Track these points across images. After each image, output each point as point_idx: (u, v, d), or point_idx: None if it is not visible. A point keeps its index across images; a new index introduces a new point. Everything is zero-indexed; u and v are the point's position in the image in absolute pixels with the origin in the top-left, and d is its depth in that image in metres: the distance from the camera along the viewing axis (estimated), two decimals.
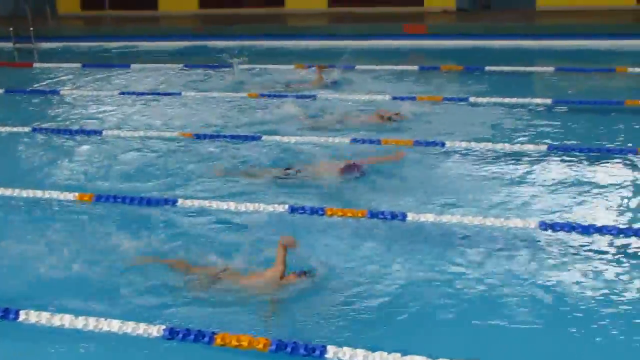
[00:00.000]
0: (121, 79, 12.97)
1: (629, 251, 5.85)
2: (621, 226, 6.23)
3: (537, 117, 9.59)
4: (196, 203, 6.93)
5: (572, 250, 5.88)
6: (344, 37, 15.39)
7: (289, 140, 8.78)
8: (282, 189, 7.29)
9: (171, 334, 4.77)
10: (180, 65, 13.57)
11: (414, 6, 17.98)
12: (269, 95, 11.07)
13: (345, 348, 4.55)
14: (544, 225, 6.21)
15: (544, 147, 8.26)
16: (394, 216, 6.50)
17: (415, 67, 12.64)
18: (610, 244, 5.92)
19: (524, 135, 8.83)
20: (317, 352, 4.55)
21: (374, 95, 10.81)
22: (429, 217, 6.47)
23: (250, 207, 6.79)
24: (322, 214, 6.59)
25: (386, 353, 4.48)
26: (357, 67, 12.70)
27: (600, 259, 5.73)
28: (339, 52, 13.91)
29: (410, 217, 6.48)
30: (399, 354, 4.45)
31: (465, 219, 6.40)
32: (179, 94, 11.48)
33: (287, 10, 19.01)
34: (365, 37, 15.14)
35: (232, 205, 6.81)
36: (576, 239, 6.06)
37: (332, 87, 11.38)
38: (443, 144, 8.44)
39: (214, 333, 4.73)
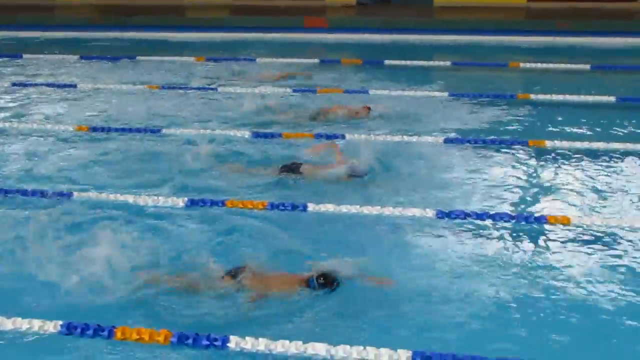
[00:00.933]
0: (13, 69, 12.50)
1: (519, 236, 6.19)
2: (512, 213, 6.57)
3: (435, 110, 9.85)
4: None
5: (468, 236, 6.16)
6: (245, 29, 15.34)
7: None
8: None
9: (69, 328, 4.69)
10: (77, 57, 13.20)
11: (315, 0, 18.10)
12: (170, 87, 10.98)
13: (247, 338, 4.59)
14: (441, 214, 6.48)
15: (440, 139, 8.53)
16: None
17: (316, 61, 12.73)
18: (502, 230, 6.22)
19: (422, 128, 9.06)
20: (219, 343, 4.56)
21: (275, 88, 10.86)
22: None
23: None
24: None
25: (288, 342, 4.56)
26: (258, 60, 12.70)
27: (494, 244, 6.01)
28: (240, 45, 13.92)
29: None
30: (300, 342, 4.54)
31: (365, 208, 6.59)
32: (75, 86, 11.19)
33: (187, 2, 18.75)
34: (266, 30, 15.13)
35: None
36: (470, 224, 6.35)
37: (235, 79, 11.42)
38: (343, 136, 8.62)
39: (114, 327, 4.67)
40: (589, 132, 8.92)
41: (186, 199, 6.81)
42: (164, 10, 17.60)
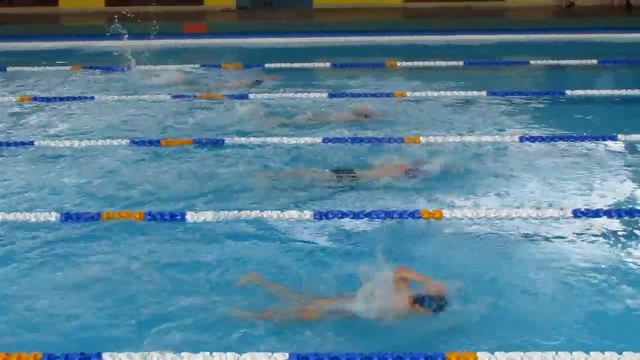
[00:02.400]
0: None
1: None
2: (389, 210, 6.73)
3: (317, 110, 9.98)
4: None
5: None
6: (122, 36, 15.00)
7: None
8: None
9: None
10: None
11: (193, 5, 17.93)
12: (43, 99, 10.62)
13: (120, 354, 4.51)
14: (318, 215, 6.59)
15: (318, 140, 8.65)
16: None
17: (197, 66, 12.62)
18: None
19: (302, 129, 9.17)
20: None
21: (153, 95, 10.71)
22: None
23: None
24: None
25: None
26: (137, 67, 12.46)
27: None
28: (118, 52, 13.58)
29: None
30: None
31: None
32: None
33: (61, 9, 18.16)
34: (144, 37, 14.83)
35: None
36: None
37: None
38: (223, 141, 8.62)
39: None
40: (463, 126, 9.26)
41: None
42: (37, 19, 16.99)
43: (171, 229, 6.40)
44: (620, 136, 8.78)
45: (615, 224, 6.53)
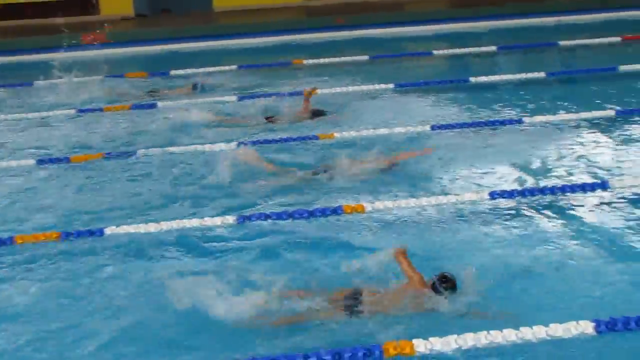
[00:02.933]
0: None
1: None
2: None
3: (222, 114, 9.93)
4: None
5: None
6: (17, 52, 14.48)
7: None
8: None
9: None
10: None
11: (90, 15, 17.43)
12: None
13: None
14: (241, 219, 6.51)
15: (233, 145, 8.59)
16: None
17: (100, 77, 12.26)
18: None
19: (214, 134, 9.13)
20: None
21: (56, 110, 10.36)
22: None
23: None
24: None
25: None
26: (35, 82, 12.00)
27: None
28: (14, 67, 13.12)
29: None
30: None
31: None
32: None
33: None
34: (44, 51, 14.32)
35: None
36: None
37: None
38: (134, 153, 8.44)
39: None
40: (372, 120, 9.37)
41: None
42: None
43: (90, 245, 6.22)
44: (525, 119, 9.10)
45: (529, 202, 6.77)
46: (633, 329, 4.86)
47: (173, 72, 12.37)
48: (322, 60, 12.69)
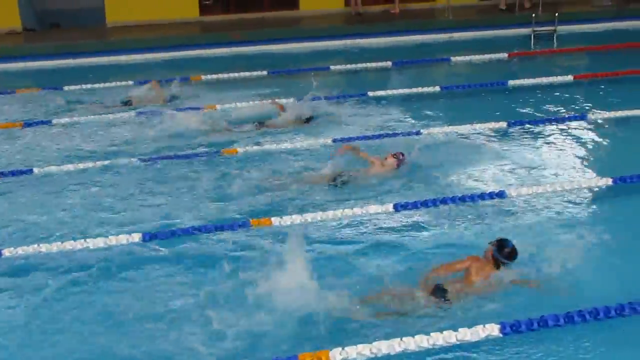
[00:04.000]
0: None
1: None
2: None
3: (127, 130, 9.84)
4: None
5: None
6: None
7: None
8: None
9: None
10: None
11: None
12: None
13: None
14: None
15: (135, 160, 8.42)
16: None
17: None
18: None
19: (115, 146, 9.14)
20: None
21: None
22: None
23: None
24: None
25: None
26: None
27: None
28: None
29: None
30: None
31: None
32: None
33: None
34: None
35: None
36: None
37: None
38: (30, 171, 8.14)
39: None
40: (278, 134, 9.45)
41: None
42: None
43: None
44: (423, 130, 9.37)
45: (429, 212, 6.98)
46: (535, 330, 5.08)
47: (67, 88, 12.00)
48: (221, 76, 12.63)
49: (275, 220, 6.77)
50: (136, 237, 6.49)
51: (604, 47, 14.47)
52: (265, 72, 12.79)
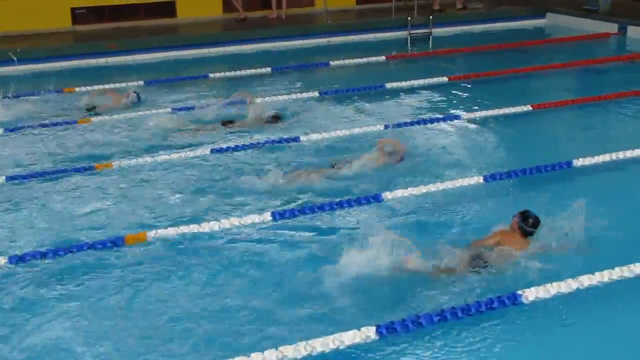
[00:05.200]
0: None
1: None
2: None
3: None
4: None
5: None
6: None
7: None
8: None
9: None
10: None
11: None
12: None
13: None
14: None
15: None
16: None
17: None
18: None
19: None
20: None
21: None
22: None
23: None
24: None
25: None
26: None
27: None
28: None
29: None
30: None
31: None
32: None
33: None
34: None
35: None
36: None
37: None
38: None
39: None
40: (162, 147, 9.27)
41: None
42: None
43: None
44: (302, 137, 9.37)
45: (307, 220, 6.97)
46: (411, 330, 5.13)
47: None
48: (96, 87, 12.21)
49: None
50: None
51: (476, 49, 15.00)
52: (141, 82, 12.47)
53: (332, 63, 13.86)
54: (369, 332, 5.07)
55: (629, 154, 8.44)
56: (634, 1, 17.44)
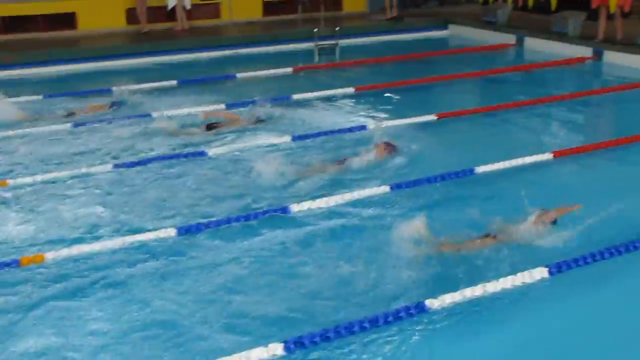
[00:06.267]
0: None
1: None
2: None
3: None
4: None
5: None
6: None
7: None
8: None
9: None
10: None
11: None
12: None
13: None
14: None
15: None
16: None
17: None
18: None
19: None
20: None
21: None
22: None
23: None
24: None
25: None
26: None
27: None
28: None
29: None
30: None
31: None
32: None
33: None
34: None
35: None
36: None
37: None
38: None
39: None
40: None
41: None
42: None
43: None
44: (208, 151, 9.23)
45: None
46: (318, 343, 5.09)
47: None
48: None
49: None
50: None
51: (382, 60, 15.22)
52: (40, 97, 12.03)
53: (239, 75, 13.76)
54: (276, 349, 4.99)
55: (528, 160, 8.71)
56: (530, 13, 18.13)
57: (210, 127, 10.09)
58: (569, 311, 5.65)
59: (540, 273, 5.94)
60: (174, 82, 13.14)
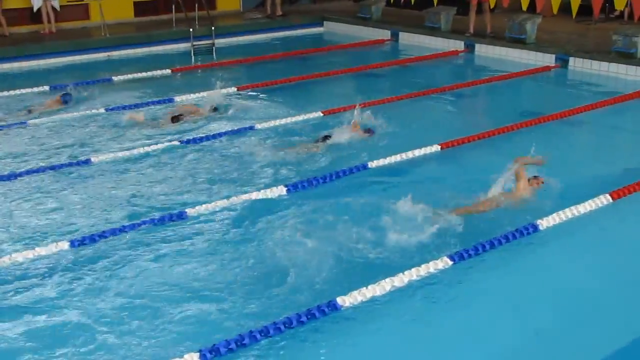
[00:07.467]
0: None
1: None
2: None
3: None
4: None
5: None
6: None
7: None
8: None
9: None
10: None
11: None
12: None
13: None
14: None
15: None
16: None
17: None
18: None
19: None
20: None
21: None
22: None
23: None
24: None
25: None
26: None
27: None
28: None
29: None
30: None
31: None
32: None
33: None
34: None
35: None
36: None
37: None
38: None
39: None
40: None
41: None
42: None
43: None
44: (92, 158, 8.87)
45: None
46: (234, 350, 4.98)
47: None
48: None
49: None
50: None
51: (260, 58, 15.13)
52: None
53: (115, 78, 13.27)
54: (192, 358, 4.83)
55: (423, 151, 8.95)
56: (402, 9, 18.58)
57: (175, 118, 10.38)
58: None
59: None
60: (46, 88, 12.48)
